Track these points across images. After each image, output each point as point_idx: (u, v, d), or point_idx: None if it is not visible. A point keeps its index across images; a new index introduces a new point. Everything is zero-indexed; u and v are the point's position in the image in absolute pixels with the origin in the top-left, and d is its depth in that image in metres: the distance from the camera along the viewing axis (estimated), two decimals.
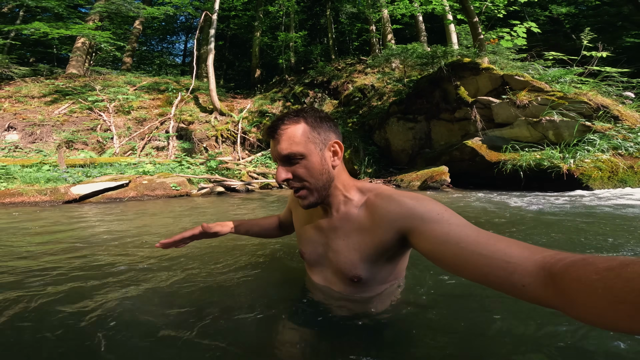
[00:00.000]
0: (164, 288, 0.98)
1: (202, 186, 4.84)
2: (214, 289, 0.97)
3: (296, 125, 0.66)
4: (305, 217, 0.84)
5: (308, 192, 0.67)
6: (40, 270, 1.16)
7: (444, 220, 0.54)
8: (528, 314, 0.76)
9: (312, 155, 0.66)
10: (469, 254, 0.46)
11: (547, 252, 0.39)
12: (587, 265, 0.32)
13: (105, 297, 0.91)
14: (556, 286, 0.35)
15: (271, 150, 0.69)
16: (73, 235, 1.87)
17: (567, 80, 4.67)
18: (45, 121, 6.73)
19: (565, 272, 0.34)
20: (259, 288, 0.99)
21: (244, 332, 0.73)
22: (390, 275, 0.75)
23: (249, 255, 1.32)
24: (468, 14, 5.78)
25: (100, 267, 1.20)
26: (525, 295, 0.39)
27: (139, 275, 1.10)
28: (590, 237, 1.56)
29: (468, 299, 0.87)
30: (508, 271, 0.41)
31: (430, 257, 0.54)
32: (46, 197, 3.53)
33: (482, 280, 0.45)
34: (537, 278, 0.38)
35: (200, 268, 1.16)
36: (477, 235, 0.48)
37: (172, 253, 1.34)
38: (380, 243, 0.65)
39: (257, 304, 0.86)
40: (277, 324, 0.77)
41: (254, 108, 9.77)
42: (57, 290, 0.97)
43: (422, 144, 6.28)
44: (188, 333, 0.70)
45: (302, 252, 0.84)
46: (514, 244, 0.44)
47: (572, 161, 3.65)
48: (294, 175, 0.66)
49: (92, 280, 1.05)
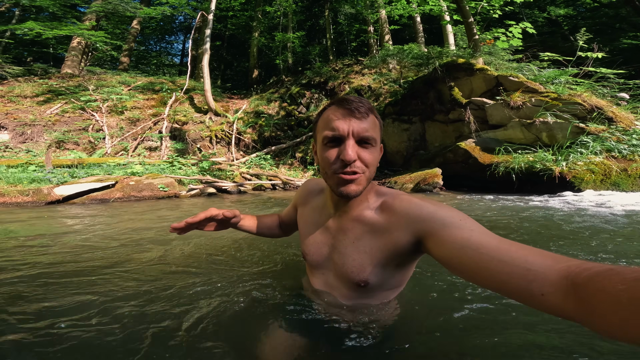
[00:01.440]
0: (144, 291, 0.95)
1: (192, 187, 4.77)
2: (204, 293, 0.93)
3: (375, 117, 0.66)
4: (312, 215, 0.81)
5: (363, 178, 0.64)
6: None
7: (465, 227, 0.53)
8: (537, 323, 0.74)
9: (378, 147, 0.67)
10: (488, 260, 0.45)
11: (573, 262, 0.38)
12: (614, 276, 0.31)
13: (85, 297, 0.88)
14: (578, 296, 0.34)
15: (341, 124, 0.62)
16: (44, 235, 1.80)
17: (562, 81, 4.60)
18: (37, 121, 6.68)
19: (589, 282, 0.33)
20: (254, 291, 0.95)
21: (237, 339, 0.70)
22: (396, 283, 0.73)
23: (244, 257, 1.29)
24: (463, 14, 5.73)
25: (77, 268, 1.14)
26: (542, 305, 0.38)
27: (122, 277, 1.06)
28: (571, 241, 1.50)
29: (474, 312, 0.82)
30: (527, 279, 0.40)
31: (446, 263, 0.53)
32: (28, 197, 3.46)
33: (500, 288, 0.43)
34: (559, 287, 0.37)
35: (187, 269, 1.13)
36: (498, 242, 0.47)
37: (154, 256, 1.30)
38: (394, 246, 0.63)
39: (251, 308, 0.83)
40: (272, 330, 0.74)
41: (250, 109, 9.72)
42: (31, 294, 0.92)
43: (416, 145, 6.22)
44: (175, 340, 0.69)
45: (304, 253, 0.80)
46: (538, 252, 0.43)
47: (565, 164, 3.58)
48: (360, 158, 0.63)
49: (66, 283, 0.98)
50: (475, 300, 0.87)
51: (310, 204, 0.84)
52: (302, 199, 0.87)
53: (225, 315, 0.80)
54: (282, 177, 5.95)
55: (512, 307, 0.81)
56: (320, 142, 0.66)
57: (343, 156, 0.60)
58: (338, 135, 0.62)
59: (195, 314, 0.81)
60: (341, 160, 0.61)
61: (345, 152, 0.60)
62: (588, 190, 3.37)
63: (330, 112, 0.65)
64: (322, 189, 0.84)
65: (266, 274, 1.11)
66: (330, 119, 0.63)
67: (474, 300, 0.87)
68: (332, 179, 0.65)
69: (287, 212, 0.98)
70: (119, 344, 0.68)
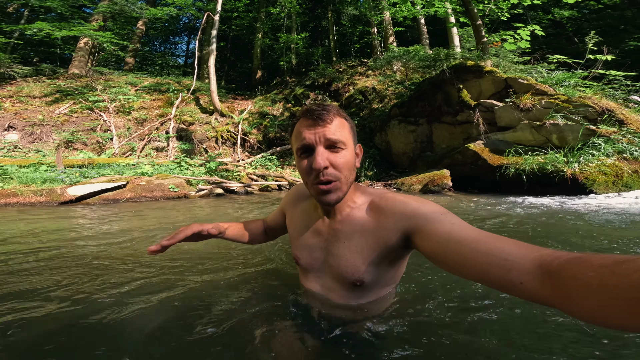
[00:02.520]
0: (147, 296, 0.94)
1: (201, 188, 4.79)
2: (198, 298, 0.92)
3: (343, 119, 0.68)
4: (301, 220, 0.81)
5: (340, 184, 0.65)
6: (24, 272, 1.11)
7: (446, 221, 0.55)
8: (530, 315, 0.76)
9: (350, 149, 0.67)
10: (468, 252, 0.47)
11: (544, 251, 0.40)
12: (583, 263, 0.33)
13: (101, 298, 0.88)
14: (553, 284, 0.35)
15: (308, 134, 0.64)
16: (60, 237, 1.82)
17: (572, 83, 4.61)
18: (46, 121, 6.72)
19: (561, 270, 0.35)
20: (249, 295, 0.95)
21: (234, 342, 0.69)
22: (390, 279, 0.74)
23: (237, 261, 1.28)
24: (471, 16, 5.74)
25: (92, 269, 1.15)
26: (522, 293, 0.40)
27: (123, 279, 1.06)
28: (590, 240, 1.50)
29: (465, 302, 0.86)
30: (506, 269, 0.41)
31: (432, 257, 0.55)
32: (42, 197, 3.49)
33: (481, 278, 0.45)
34: (535, 276, 0.38)
35: (182, 272, 1.12)
36: (477, 234, 0.49)
37: (152, 260, 1.29)
38: (385, 244, 0.65)
39: (248, 311, 0.82)
40: (270, 333, 0.73)
41: (255, 109, 9.75)
42: (46, 293, 0.93)
43: (423, 147, 6.22)
44: (172, 341, 0.68)
45: (296, 258, 0.80)
46: (512, 242, 0.45)
47: (577, 165, 3.58)
48: (332, 164, 0.64)
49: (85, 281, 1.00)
50: (470, 293, 0.90)
51: (299, 208, 0.84)
52: (291, 203, 0.88)
53: (223, 318, 0.79)
54: (288, 178, 5.96)
55: (510, 302, 0.83)
56: (295, 155, 0.69)
57: (313, 164, 0.62)
58: (307, 144, 0.64)
59: (195, 314, 0.80)
60: (314, 170, 0.63)
61: (315, 160, 0.62)
62: (600, 192, 3.37)
63: (299, 125, 0.67)
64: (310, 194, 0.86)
65: (261, 276, 1.11)
66: (300, 131, 0.66)
67: (468, 292, 0.90)
68: (312, 189, 0.67)
69: (274, 217, 0.98)
70: (118, 343, 0.68)
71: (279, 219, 0.95)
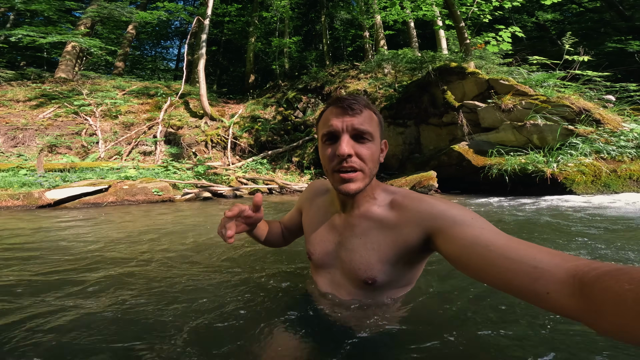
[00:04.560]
0: (145, 293, 0.95)
1: (187, 191, 4.73)
2: (205, 297, 0.91)
3: (372, 112, 0.67)
4: (317, 215, 0.80)
5: (362, 175, 0.64)
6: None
7: (476, 225, 0.53)
8: (549, 324, 0.72)
9: (377, 142, 0.66)
10: (495, 257, 0.45)
11: (581, 261, 0.38)
12: (622, 275, 0.30)
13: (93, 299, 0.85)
14: (584, 295, 0.33)
15: (335, 121, 0.63)
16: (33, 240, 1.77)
17: (550, 84, 4.71)
18: (29, 125, 6.60)
19: (596, 281, 0.32)
20: (257, 294, 0.93)
21: (241, 341, 0.68)
22: (405, 281, 0.71)
23: (245, 260, 1.28)
24: (455, 19, 5.85)
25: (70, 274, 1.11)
26: (547, 304, 0.38)
27: (128, 281, 1.05)
28: (565, 239, 1.52)
29: (483, 314, 0.79)
30: (533, 277, 0.39)
31: (454, 260, 0.53)
32: (19, 201, 3.40)
33: (505, 286, 0.43)
34: (565, 286, 0.36)
35: (190, 270, 1.13)
36: (507, 240, 0.47)
37: (147, 259, 1.27)
38: (404, 243, 0.63)
39: (256, 310, 0.82)
40: (277, 332, 0.71)
41: (246, 113, 9.74)
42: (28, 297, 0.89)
43: (411, 148, 6.28)
44: (179, 342, 0.68)
45: (310, 253, 0.79)
46: (546, 250, 0.42)
47: (556, 165, 3.64)
48: (357, 153, 0.63)
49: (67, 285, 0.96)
50: (492, 302, 0.84)
51: (315, 204, 0.83)
52: (309, 200, 0.86)
53: (230, 318, 0.78)
54: (279, 182, 5.94)
55: (532, 311, 0.78)
56: (320, 141, 0.68)
57: (338, 151, 0.61)
58: (333, 131, 0.63)
59: (198, 315, 0.80)
60: (338, 156, 0.62)
61: (340, 146, 0.61)
62: (580, 192, 3.43)
63: (328, 112, 0.67)
64: (328, 189, 0.84)
65: (270, 275, 1.10)
66: (328, 118, 0.65)
67: (489, 302, 0.84)
68: (333, 177, 0.65)
69: (291, 216, 0.96)
70: (119, 343, 0.68)
71: (295, 217, 0.93)
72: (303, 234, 0.92)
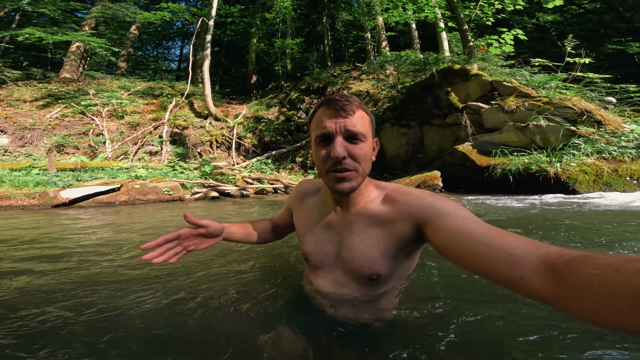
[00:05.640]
0: (151, 298, 0.92)
1: (196, 191, 4.81)
2: (202, 299, 0.89)
3: (364, 112, 0.67)
4: (310, 215, 0.79)
5: (356, 174, 0.65)
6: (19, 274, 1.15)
7: (459, 215, 0.56)
8: (547, 315, 0.73)
9: (369, 142, 0.67)
10: (476, 246, 0.47)
11: (552, 248, 0.40)
12: (588, 261, 0.32)
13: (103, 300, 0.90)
14: (554, 280, 0.35)
15: (329, 123, 0.64)
16: (57, 238, 1.85)
17: (552, 85, 4.81)
18: (37, 125, 6.66)
19: (565, 267, 0.34)
20: (258, 292, 0.92)
21: (242, 340, 0.66)
22: (405, 272, 0.74)
23: (240, 260, 1.27)
24: (458, 21, 5.95)
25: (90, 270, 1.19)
26: (522, 289, 0.40)
27: (124, 279, 1.09)
28: (566, 236, 1.60)
29: (475, 294, 0.86)
30: (509, 263, 0.41)
31: (442, 249, 0.55)
32: (35, 200, 3.48)
33: (485, 273, 0.45)
34: (537, 272, 0.38)
35: (184, 273, 1.11)
36: (486, 229, 0.50)
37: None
38: (400, 236, 0.65)
39: (256, 309, 0.80)
40: (279, 331, 0.70)
41: (250, 114, 9.81)
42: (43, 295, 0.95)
43: (415, 149, 6.37)
44: (180, 339, 0.67)
45: (306, 254, 0.78)
46: (521, 239, 0.45)
47: (559, 165, 3.73)
48: (350, 154, 0.64)
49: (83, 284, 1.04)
50: (482, 285, 0.89)
51: (307, 204, 0.83)
52: (297, 199, 0.86)
53: (232, 316, 0.77)
54: (284, 181, 6.02)
55: (523, 299, 0.79)
56: (314, 142, 0.68)
57: (332, 153, 0.62)
58: (327, 133, 0.64)
59: (199, 313, 0.79)
60: (332, 158, 0.63)
61: (334, 149, 0.62)
62: (582, 191, 3.52)
63: (320, 113, 0.67)
64: (318, 188, 0.84)
65: (269, 274, 1.10)
66: (321, 119, 0.66)
67: (487, 289, 0.88)
68: (327, 177, 0.66)
69: (281, 215, 0.95)
70: (121, 343, 0.67)
71: (286, 217, 0.93)
72: (294, 230, 0.92)
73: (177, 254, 0.71)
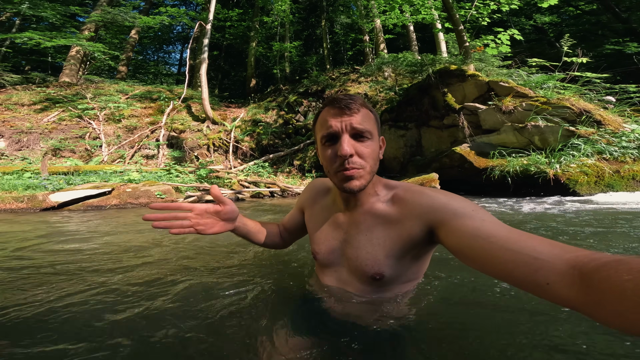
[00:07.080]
0: (147, 292, 0.93)
1: (189, 194, 4.76)
2: (208, 296, 0.90)
3: (369, 110, 0.67)
4: (321, 215, 0.80)
5: (364, 173, 0.64)
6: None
7: (477, 217, 0.53)
8: (560, 317, 0.71)
9: (375, 139, 0.67)
10: (497, 249, 0.45)
11: (582, 252, 0.38)
12: (621, 265, 0.30)
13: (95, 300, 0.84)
14: (583, 286, 0.34)
15: (334, 122, 0.63)
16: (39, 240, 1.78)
17: (550, 85, 4.74)
18: (33, 129, 6.66)
19: (595, 272, 0.33)
20: (262, 291, 0.92)
21: (246, 339, 0.67)
22: (412, 275, 0.72)
23: (247, 257, 1.28)
24: (454, 22, 5.92)
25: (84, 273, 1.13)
26: (547, 294, 0.38)
27: (128, 281, 1.04)
28: (568, 237, 1.52)
29: (489, 305, 0.80)
30: (533, 268, 0.40)
31: (457, 252, 0.53)
32: (23, 204, 3.43)
33: (506, 277, 0.43)
34: (565, 277, 0.36)
35: (193, 270, 1.12)
36: (508, 231, 0.48)
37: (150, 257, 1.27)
38: (408, 237, 0.63)
39: (261, 307, 0.81)
40: (283, 330, 0.70)
41: (248, 117, 9.80)
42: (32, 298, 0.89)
43: (413, 151, 6.29)
44: (184, 340, 0.68)
45: (315, 252, 0.79)
46: (547, 241, 0.42)
47: (558, 166, 3.65)
48: (357, 152, 0.63)
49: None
50: (502, 296, 0.83)
51: (319, 204, 0.83)
52: (310, 199, 0.86)
53: (235, 315, 0.78)
54: (281, 185, 5.95)
55: (542, 305, 0.76)
56: (320, 143, 0.68)
57: (339, 152, 0.61)
58: (333, 132, 0.64)
59: (201, 313, 0.80)
60: (339, 157, 0.62)
61: (341, 147, 0.61)
62: (583, 192, 3.43)
63: (325, 113, 0.67)
64: (329, 188, 0.83)
65: (275, 272, 1.10)
66: (326, 119, 0.65)
67: (499, 296, 0.83)
68: (335, 177, 0.66)
69: (291, 216, 0.94)
70: (122, 343, 0.67)
71: (297, 217, 0.92)
72: (304, 234, 0.92)
73: (183, 227, 0.68)
